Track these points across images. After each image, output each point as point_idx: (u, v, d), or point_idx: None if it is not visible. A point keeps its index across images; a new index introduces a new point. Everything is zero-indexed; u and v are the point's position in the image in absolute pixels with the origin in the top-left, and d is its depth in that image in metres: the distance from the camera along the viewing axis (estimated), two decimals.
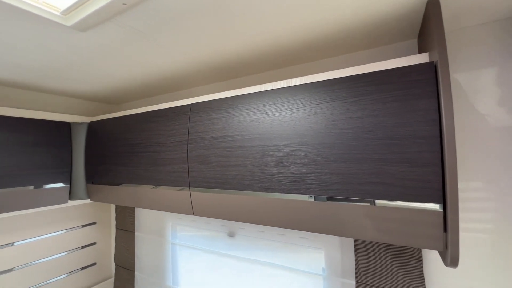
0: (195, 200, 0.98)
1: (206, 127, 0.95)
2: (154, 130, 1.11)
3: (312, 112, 0.74)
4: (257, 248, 1.22)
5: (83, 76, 1.23)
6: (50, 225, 1.55)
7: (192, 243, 1.44)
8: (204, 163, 0.94)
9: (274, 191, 0.79)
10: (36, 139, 1.24)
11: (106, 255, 1.84)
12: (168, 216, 1.52)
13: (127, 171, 1.20)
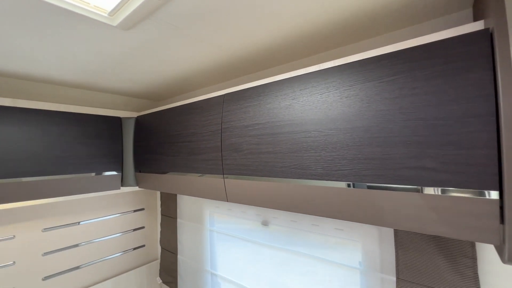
0: (229, 187, 1.02)
1: (238, 116, 0.97)
2: (191, 121, 1.17)
3: (344, 94, 0.70)
4: (290, 237, 1.22)
5: (129, 75, 1.35)
6: (107, 208, 1.76)
7: (228, 230, 1.50)
8: (237, 151, 0.97)
9: (305, 178, 0.78)
10: (94, 132, 1.42)
11: (153, 238, 2.02)
12: (206, 205, 1.60)
13: (168, 160, 1.30)
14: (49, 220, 1.50)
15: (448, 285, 0.81)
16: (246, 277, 1.40)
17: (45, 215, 1.49)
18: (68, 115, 1.32)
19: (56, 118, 1.28)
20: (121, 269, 1.81)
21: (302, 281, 1.18)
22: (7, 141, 1.13)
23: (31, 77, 1.34)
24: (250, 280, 1.38)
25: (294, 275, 1.21)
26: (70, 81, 1.43)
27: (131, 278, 1.82)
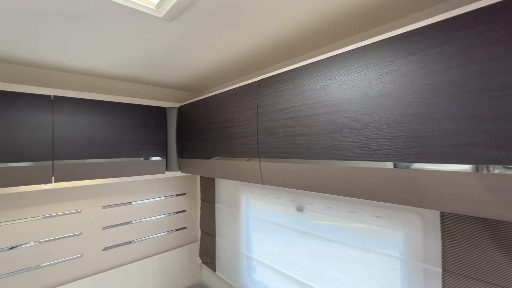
0: (264, 169, 1.05)
1: (273, 100, 0.99)
2: (228, 108, 1.22)
3: (384, 71, 0.67)
4: (325, 224, 1.21)
5: (172, 67, 1.45)
6: (154, 192, 1.94)
7: (263, 216, 1.54)
8: (272, 134, 0.99)
9: (341, 159, 0.77)
10: (142, 121, 1.56)
11: (193, 221, 2.17)
12: (242, 191, 1.66)
13: (207, 146, 1.38)
14: (107, 198, 1.71)
15: (505, 281, 0.74)
16: (281, 262, 1.43)
17: (104, 194, 1.70)
18: (121, 105, 1.48)
19: (111, 108, 1.44)
20: (166, 248, 1.98)
21: (338, 268, 1.17)
22: (73, 127, 1.31)
23: (90, 72, 1.53)
24: (285, 265, 1.41)
25: (329, 261, 1.20)
26: (122, 75, 1.59)
27: (174, 256, 1.98)
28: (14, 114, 1.15)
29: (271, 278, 1.49)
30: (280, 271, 1.42)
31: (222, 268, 1.82)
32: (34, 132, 1.20)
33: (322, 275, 1.23)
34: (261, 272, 1.56)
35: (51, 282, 1.48)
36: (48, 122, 1.24)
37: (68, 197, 1.56)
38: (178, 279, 1.99)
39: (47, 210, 1.49)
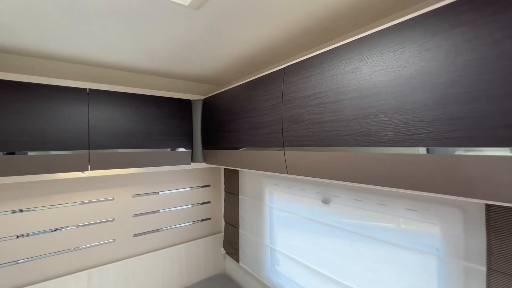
0: (289, 159, 1.02)
1: (299, 87, 0.96)
2: (253, 97, 1.21)
3: (424, 47, 0.62)
4: (353, 217, 1.16)
5: (198, 59, 1.47)
6: (180, 182, 2.00)
7: (287, 208, 1.52)
8: (297, 122, 0.96)
9: (373, 145, 0.73)
10: (168, 113, 1.61)
11: (218, 212, 2.21)
12: (266, 182, 1.65)
13: (231, 136, 1.38)
14: (136, 188, 1.80)
15: None
16: (305, 255, 1.40)
17: (134, 184, 1.78)
18: (149, 98, 1.53)
19: (140, 100, 1.50)
20: (191, 237, 2.04)
21: (366, 263, 1.12)
22: (106, 118, 1.38)
23: (121, 66, 1.60)
24: (309, 258, 1.38)
25: (356, 256, 1.15)
26: (149, 69, 1.65)
27: (199, 245, 2.03)
28: (54, 106, 1.24)
29: (295, 271, 1.47)
30: (304, 264, 1.40)
31: (246, 259, 1.83)
32: (72, 122, 1.28)
33: (348, 270, 1.19)
34: (285, 264, 1.55)
35: (88, 264, 1.60)
36: (84, 113, 1.32)
37: (102, 185, 1.66)
38: (203, 268, 2.05)
39: (84, 197, 1.60)
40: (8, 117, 1.14)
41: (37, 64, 1.44)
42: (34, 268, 1.44)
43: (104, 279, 1.61)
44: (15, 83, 1.16)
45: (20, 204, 1.41)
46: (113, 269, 1.64)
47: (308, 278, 1.38)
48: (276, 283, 1.55)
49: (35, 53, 1.37)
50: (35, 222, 1.45)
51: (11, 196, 1.39)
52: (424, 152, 0.62)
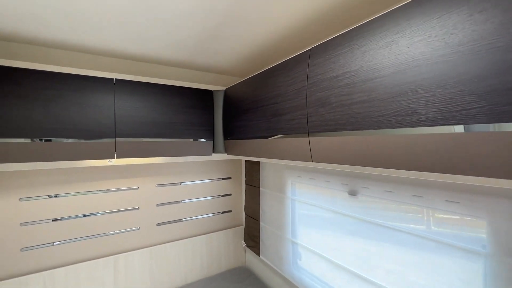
0: (314, 145, 0.97)
1: (326, 68, 0.90)
2: (275, 83, 1.17)
3: (476, 9, 0.54)
4: (383, 210, 1.08)
5: (220, 48, 1.45)
6: (201, 174, 2.01)
7: (310, 200, 1.46)
8: (324, 105, 0.90)
9: (411, 125, 0.65)
10: (191, 103, 1.61)
11: (238, 205, 2.19)
12: (288, 174, 1.60)
13: (252, 125, 1.35)
14: (160, 178, 1.83)
15: None
16: (329, 249, 1.34)
17: (157, 174, 1.82)
18: (172, 88, 1.54)
19: (163, 90, 1.51)
20: (212, 229, 2.05)
21: (397, 260, 1.04)
22: (131, 108, 1.41)
23: (145, 57, 1.63)
24: (333, 253, 1.31)
25: (386, 252, 1.07)
26: (172, 59, 1.66)
27: (220, 237, 2.04)
28: (84, 95, 1.29)
29: (318, 266, 1.41)
30: (328, 259, 1.33)
31: (266, 253, 1.80)
32: (99, 111, 1.32)
33: (376, 267, 1.11)
34: (307, 259, 1.49)
35: (114, 250, 1.65)
36: (110, 103, 1.36)
37: (128, 175, 1.71)
38: (223, 261, 2.05)
39: (111, 185, 1.66)
40: (42, 106, 1.19)
41: (67, 56, 1.51)
42: (67, 251, 1.52)
43: (130, 265, 1.66)
44: (49, 73, 1.22)
45: (55, 189, 1.49)
46: (137, 256, 1.69)
47: (332, 273, 1.32)
48: (298, 278, 1.50)
49: (66, 45, 1.43)
50: (68, 207, 1.53)
51: (47, 182, 1.47)
52: (474, 130, 0.54)
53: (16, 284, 1.35)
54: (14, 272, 1.39)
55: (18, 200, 1.40)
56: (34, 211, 1.44)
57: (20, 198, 1.41)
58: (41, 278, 1.41)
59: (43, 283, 1.42)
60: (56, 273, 1.45)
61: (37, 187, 1.45)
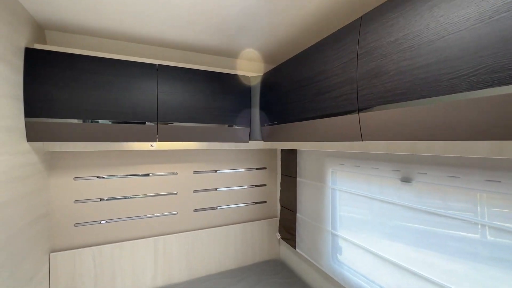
0: (364, 122, 0.88)
1: (381, 33, 0.80)
2: (319, 59, 1.09)
3: None
4: (444, 198, 0.94)
5: (261, 32, 1.41)
6: (236, 163, 2.00)
7: (354, 189, 1.35)
8: (378, 75, 0.81)
9: (498, 84, 0.54)
10: (228, 89, 1.60)
11: (273, 196, 2.14)
12: (329, 162, 1.51)
13: (293, 108, 1.29)
14: (197, 165, 1.86)
15: None
16: (375, 242, 1.22)
17: (194, 161, 1.85)
18: (210, 74, 1.55)
19: (202, 76, 1.52)
20: (246, 219, 2.03)
21: (461, 256, 0.89)
22: (172, 93, 1.44)
23: (184, 45, 1.66)
24: (381, 246, 1.19)
25: (447, 246, 0.93)
26: (210, 46, 1.67)
27: (254, 228, 2.01)
28: (130, 80, 1.34)
29: (362, 260, 1.29)
30: (375, 253, 1.22)
31: (303, 246, 1.72)
32: (143, 96, 1.37)
33: (435, 263, 0.97)
34: (349, 253, 1.39)
35: (155, 231, 1.72)
36: (153, 87, 1.40)
37: (168, 160, 1.76)
38: (257, 252, 2.01)
39: (153, 169, 1.72)
40: (92, 89, 1.27)
41: (116, 44, 1.60)
42: (112, 230, 1.61)
43: (168, 248, 1.71)
44: (100, 59, 1.29)
45: (103, 171, 1.59)
46: (175, 239, 1.73)
47: (379, 270, 1.20)
48: (339, 273, 1.40)
49: (115, 35, 1.51)
50: (114, 189, 1.62)
51: (96, 164, 1.57)
52: None
53: (70, 255, 1.47)
54: (69, 245, 1.50)
55: (72, 179, 1.52)
56: (85, 190, 1.55)
57: (74, 177, 1.52)
58: (91, 252, 1.51)
59: (92, 257, 1.52)
60: (103, 249, 1.54)
61: (87, 168, 1.55)
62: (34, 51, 1.18)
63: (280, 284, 1.69)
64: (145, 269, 1.65)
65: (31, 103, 1.17)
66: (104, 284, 1.54)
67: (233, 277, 1.77)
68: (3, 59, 1.00)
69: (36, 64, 1.18)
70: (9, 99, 1.05)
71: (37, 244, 1.29)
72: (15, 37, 1.10)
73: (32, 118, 1.18)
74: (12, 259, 1.05)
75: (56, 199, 1.48)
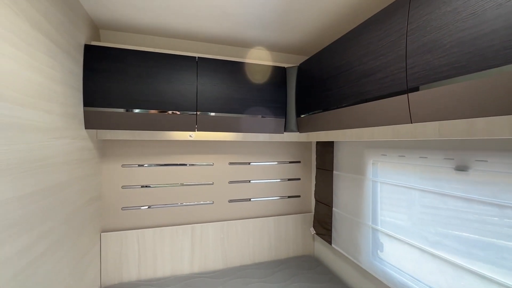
0: (414, 102, 0.82)
1: (434, 5, 0.75)
2: (362, 42, 1.05)
3: None
4: (507, 188, 0.84)
5: (294, 19, 1.40)
6: (269, 156, 2.00)
7: (399, 181, 1.27)
8: (432, 50, 0.75)
9: None
10: (263, 80, 1.61)
11: (307, 191, 2.10)
12: (369, 153, 1.43)
13: (332, 95, 1.25)
14: (232, 156, 1.90)
15: None
16: (423, 238, 1.13)
17: (230, 152, 1.89)
18: (247, 65, 1.57)
19: (239, 68, 1.56)
20: (279, 212, 2.02)
21: None
22: (210, 84, 1.49)
23: (222, 39, 1.71)
24: (430, 243, 1.10)
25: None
26: (246, 39, 1.70)
27: (288, 222, 1.99)
28: (172, 72, 1.42)
29: (407, 257, 1.21)
30: (422, 248, 1.13)
31: (340, 241, 1.66)
32: (184, 87, 1.44)
33: (495, 258, 0.87)
34: (392, 248, 1.30)
35: (192, 219, 1.79)
36: (193, 79, 1.46)
37: (204, 151, 1.83)
38: (291, 246, 1.99)
39: (190, 160, 1.80)
40: (139, 81, 1.37)
41: (159, 40, 1.70)
42: (154, 215, 1.71)
43: (204, 235, 1.77)
44: (145, 53, 1.39)
45: (145, 160, 1.70)
46: (211, 227, 1.79)
47: (427, 268, 1.11)
48: (380, 270, 1.32)
49: (159, 31, 1.61)
50: (155, 177, 1.72)
51: (140, 153, 1.69)
52: None
53: (118, 236, 1.59)
54: (117, 227, 1.63)
55: (120, 166, 1.65)
56: (130, 177, 1.67)
57: (122, 164, 1.65)
58: (135, 235, 1.63)
59: (137, 239, 1.63)
60: (146, 232, 1.65)
61: (132, 157, 1.67)
62: (92, 47, 1.31)
63: (315, 279, 1.64)
64: (183, 255, 1.72)
65: (88, 93, 1.30)
66: (146, 266, 1.65)
67: (267, 269, 1.77)
68: (68, 53, 1.13)
69: (93, 59, 1.31)
70: (72, 89, 1.18)
71: (91, 224, 1.42)
72: (77, 34, 1.23)
73: (89, 107, 1.31)
74: (72, 233, 1.17)
75: (107, 184, 1.62)
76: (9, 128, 0.75)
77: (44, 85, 0.94)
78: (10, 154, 0.76)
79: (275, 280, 1.64)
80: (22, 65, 0.81)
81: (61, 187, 1.07)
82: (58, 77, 1.05)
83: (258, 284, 1.58)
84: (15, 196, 0.77)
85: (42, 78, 0.93)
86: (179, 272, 1.71)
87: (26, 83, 0.84)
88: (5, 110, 0.73)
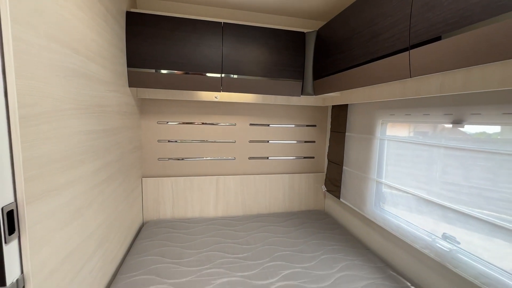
0: (415, 59, 0.93)
1: None
2: (374, 3, 1.12)
3: None
4: (503, 138, 0.94)
5: None
6: (287, 118, 2.16)
7: (403, 138, 1.39)
8: (433, 8, 0.84)
9: None
10: (283, 45, 1.72)
11: (321, 153, 2.27)
12: (379, 114, 1.54)
13: (345, 57, 1.35)
14: (252, 118, 2.08)
15: None
16: (420, 188, 1.28)
17: (250, 114, 2.07)
18: (268, 30, 1.68)
19: (260, 32, 1.67)
20: (294, 171, 2.22)
21: None
22: (234, 48, 1.63)
23: (246, 5, 1.81)
24: (427, 189, 1.24)
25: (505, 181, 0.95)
26: (269, 5, 1.78)
27: (302, 179, 2.19)
28: (199, 36, 1.58)
29: (407, 205, 1.37)
30: (421, 196, 1.28)
31: (347, 195, 1.84)
32: (211, 50, 1.60)
33: (490, 198, 1.00)
34: (393, 198, 1.46)
35: (217, 171, 2.05)
36: (219, 43, 1.61)
37: (228, 112, 2.03)
38: (303, 201, 2.21)
39: (215, 119, 2.01)
40: (171, 44, 1.54)
41: (189, 7, 1.84)
42: (184, 166, 1.99)
43: (227, 186, 2.03)
44: (176, 19, 1.54)
45: (176, 118, 1.94)
46: (233, 180, 2.04)
47: (425, 215, 1.27)
48: (380, 217, 1.50)
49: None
50: (184, 133, 1.97)
51: (171, 112, 1.93)
52: None
53: (155, 182, 1.90)
54: (154, 173, 1.94)
55: (156, 122, 1.91)
56: (164, 132, 1.93)
57: (157, 121, 1.91)
58: (169, 181, 1.92)
59: (171, 185, 1.93)
60: (178, 180, 1.94)
61: (165, 115, 1.92)
62: (132, 13, 1.49)
63: (322, 227, 1.87)
64: (209, 201, 2.01)
65: (130, 55, 1.51)
66: (179, 208, 1.96)
67: (280, 217, 2.02)
68: (115, 18, 1.32)
69: (133, 25, 1.49)
70: (118, 50, 1.39)
71: (134, 169, 1.71)
72: (121, 1, 1.41)
73: (131, 68, 1.53)
74: (123, 170, 1.45)
75: (145, 137, 1.89)
76: (81, 76, 0.97)
77: (101, 45, 1.15)
78: (82, 97, 0.98)
79: (287, 225, 1.89)
80: (87, 27, 1.02)
81: (115, 131, 1.33)
82: (109, 39, 1.25)
83: (272, 227, 1.84)
84: (84, 130, 1.00)
85: (100, 39, 1.14)
86: (206, 214, 2.02)
87: (90, 42, 1.05)
88: (79, 62, 0.95)
